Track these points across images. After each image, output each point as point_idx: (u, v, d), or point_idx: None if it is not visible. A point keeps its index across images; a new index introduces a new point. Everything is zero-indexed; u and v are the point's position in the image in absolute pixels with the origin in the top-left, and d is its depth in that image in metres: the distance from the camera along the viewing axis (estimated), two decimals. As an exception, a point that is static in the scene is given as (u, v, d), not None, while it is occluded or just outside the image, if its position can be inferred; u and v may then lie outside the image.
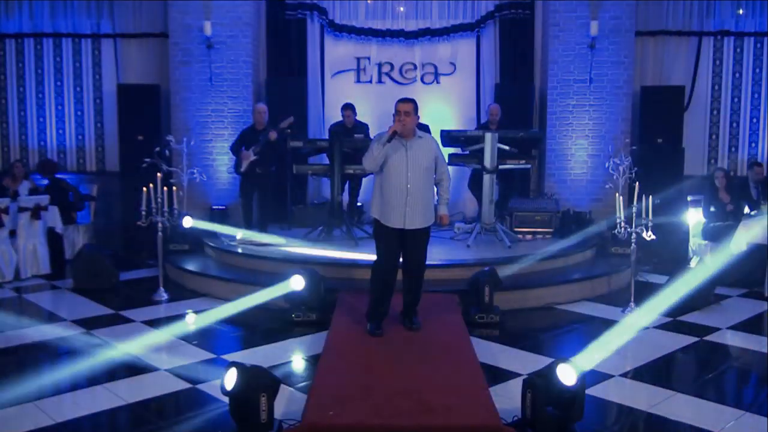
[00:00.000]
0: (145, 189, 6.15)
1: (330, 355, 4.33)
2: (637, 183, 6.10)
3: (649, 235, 5.68)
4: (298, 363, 4.65)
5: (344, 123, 8.06)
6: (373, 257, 4.80)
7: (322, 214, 7.69)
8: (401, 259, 4.76)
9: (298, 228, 7.75)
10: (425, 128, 7.77)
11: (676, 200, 7.87)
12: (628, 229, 5.80)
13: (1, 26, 9.22)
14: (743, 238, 6.54)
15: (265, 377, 3.35)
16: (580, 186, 8.59)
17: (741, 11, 8.77)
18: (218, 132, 8.73)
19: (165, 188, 6.28)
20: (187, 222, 6.86)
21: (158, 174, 6.38)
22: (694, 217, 7.52)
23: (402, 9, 8.96)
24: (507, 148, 7.20)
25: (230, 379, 3.25)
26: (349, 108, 8.02)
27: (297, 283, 5.36)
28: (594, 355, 4.69)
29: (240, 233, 7.08)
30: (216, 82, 8.64)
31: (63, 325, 5.42)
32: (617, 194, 6.07)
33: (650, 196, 5.70)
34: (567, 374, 3.32)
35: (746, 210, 7.19)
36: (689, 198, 7.76)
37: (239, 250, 6.85)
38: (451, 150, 7.68)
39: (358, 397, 3.63)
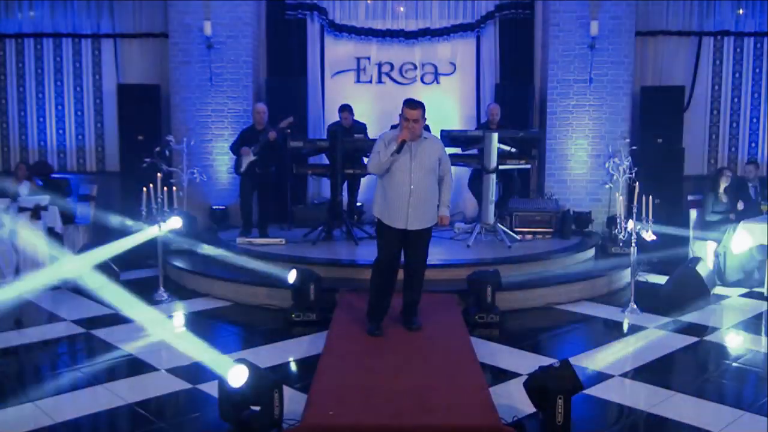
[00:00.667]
0: (145, 189, 6.15)
1: (330, 355, 4.33)
2: (637, 183, 6.10)
3: (649, 235, 5.68)
4: (298, 363, 4.65)
5: (342, 123, 8.06)
6: (373, 257, 4.80)
7: (322, 214, 7.69)
8: (402, 259, 4.76)
9: (298, 228, 7.75)
10: (425, 129, 7.76)
11: (676, 200, 7.88)
12: (628, 229, 5.80)
13: (1, 26, 9.22)
14: (744, 238, 6.55)
15: (272, 376, 3.38)
16: (580, 186, 8.59)
17: (741, 11, 8.77)
18: (218, 132, 8.73)
19: (165, 188, 6.28)
20: (174, 223, 6.49)
21: (158, 174, 6.38)
22: (693, 217, 7.53)
23: (402, 9, 8.96)
24: (507, 148, 7.19)
25: (239, 376, 3.24)
26: (346, 110, 8.01)
27: (291, 276, 5.36)
28: (594, 355, 4.70)
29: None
30: (216, 82, 8.63)
31: (63, 325, 5.43)
32: (617, 194, 6.07)
33: (650, 196, 5.71)
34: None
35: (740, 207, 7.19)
36: (689, 198, 7.76)
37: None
38: (451, 150, 7.67)
39: (358, 397, 3.63)
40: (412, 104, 4.55)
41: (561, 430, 3.26)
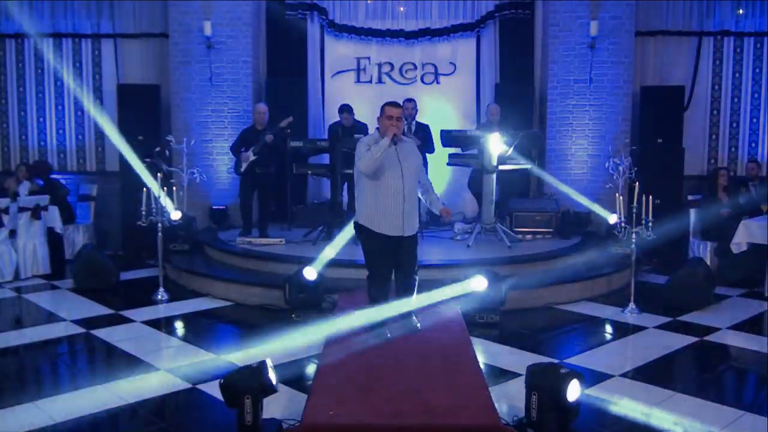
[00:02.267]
0: (145, 189, 6.15)
1: (330, 355, 4.32)
2: (637, 183, 6.10)
3: (649, 235, 5.68)
4: (298, 363, 4.65)
5: (343, 123, 8.05)
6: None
7: (322, 214, 7.69)
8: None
9: (298, 228, 7.75)
10: (425, 128, 7.77)
11: (676, 200, 7.86)
12: (629, 229, 5.80)
13: (1, 26, 9.22)
14: (743, 238, 6.54)
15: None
16: (580, 186, 8.57)
17: (741, 11, 8.76)
18: (218, 132, 8.72)
19: (165, 188, 6.28)
20: (176, 215, 6.48)
21: (158, 174, 6.38)
22: (693, 217, 7.53)
23: (402, 9, 8.95)
24: (506, 148, 7.18)
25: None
26: (346, 110, 7.99)
27: (310, 274, 5.34)
28: (594, 355, 4.70)
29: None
30: (216, 82, 8.63)
31: (63, 325, 5.43)
32: (617, 194, 6.07)
33: (650, 196, 5.70)
34: (573, 383, 3.33)
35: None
36: (689, 198, 7.75)
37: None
38: (451, 150, 7.67)
39: (358, 397, 3.63)
40: (393, 103, 4.56)
41: (533, 425, 3.29)
